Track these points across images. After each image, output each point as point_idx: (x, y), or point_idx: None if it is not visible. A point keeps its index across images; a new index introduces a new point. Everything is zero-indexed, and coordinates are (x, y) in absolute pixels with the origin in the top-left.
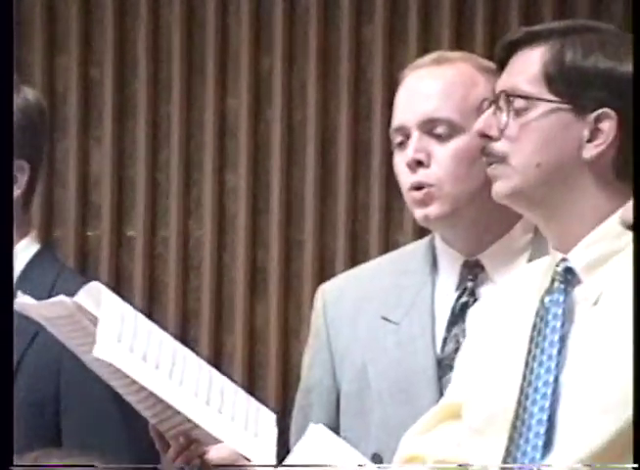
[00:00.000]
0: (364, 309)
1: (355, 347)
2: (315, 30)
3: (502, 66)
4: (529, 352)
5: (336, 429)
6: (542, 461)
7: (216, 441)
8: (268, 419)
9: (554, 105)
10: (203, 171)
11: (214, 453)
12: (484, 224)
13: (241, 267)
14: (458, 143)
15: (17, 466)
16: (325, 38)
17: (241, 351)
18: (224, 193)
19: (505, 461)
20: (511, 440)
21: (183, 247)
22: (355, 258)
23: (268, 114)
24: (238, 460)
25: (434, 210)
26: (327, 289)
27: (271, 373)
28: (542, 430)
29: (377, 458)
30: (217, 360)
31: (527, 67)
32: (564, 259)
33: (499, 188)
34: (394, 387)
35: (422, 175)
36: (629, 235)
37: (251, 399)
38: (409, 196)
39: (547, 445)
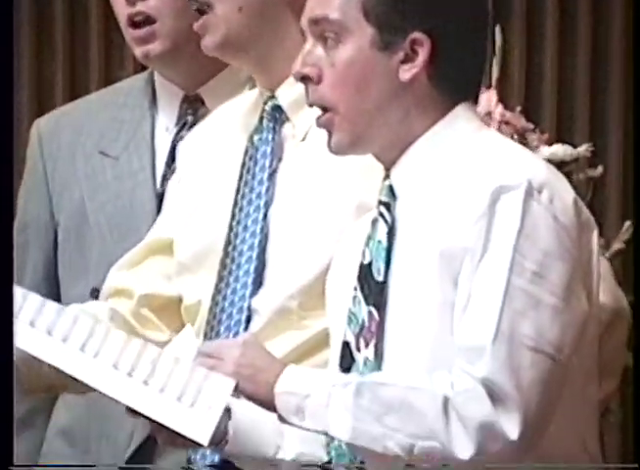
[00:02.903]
0: (82, 143)
1: (73, 181)
2: None
3: None
4: (238, 190)
5: (54, 265)
6: (252, 299)
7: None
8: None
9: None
10: None
11: None
12: (205, 59)
13: None
14: None
15: (17, 466)
16: None
17: None
18: None
19: (215, 299)
20: (220, 278)
21: None
22: (74, 92)
23: None
24: None
25: (154, 47)
26: (42, 123)
27: None
28: (252, 268)
29: (95, 293)
30: None
31: None
32: (271, 97)
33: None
34: (113, 221)
35: (142, 5)
36: None
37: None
38: (128, 33)
39: (257, 282)
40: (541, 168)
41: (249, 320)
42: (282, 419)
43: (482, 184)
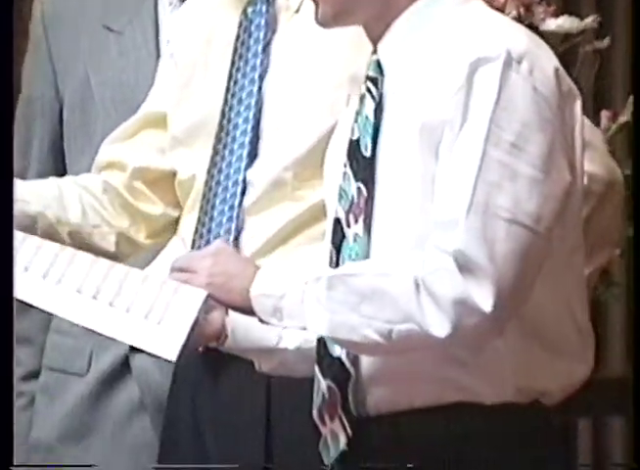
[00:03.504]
0: (86, 18)
1: (77, 57)
2: None
3: None
4: (233, 63)
5: (60, 140)
6: (247, 171)
7: None
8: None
9: None
10: None
11: None
12: None
13: None
14: None
15: (17, 466)
16: None
17: None
18: None
19: (210, 172)
20: (215, 151)
21: None
22: None
23: None
24: None
25: None
26: None
27: None
28: (246, 140)
29: None
30: None
31: None
32: None
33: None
34: (118, 96)
35: None
36: None
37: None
38: None
39: (251, 155)
40: (522, 39)
41: (244, 193)
42: (262, 321)
43: (462, 56)
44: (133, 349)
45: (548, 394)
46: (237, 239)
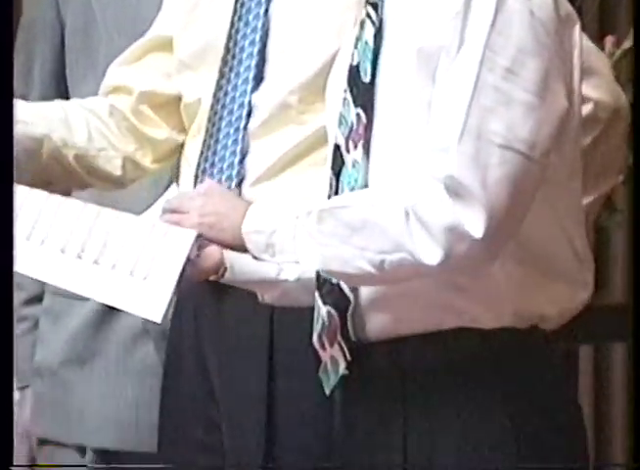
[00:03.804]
0: None
1: None
2: None
3: None
4: None
5: (62, 65)
6: (253, 94)
7: None
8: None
9: None
10: None
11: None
12: None
13: None
14: None
15: (17, 466)
16: None
17: None
18: None
19: (216, 95)
20: (221, 74)
21: None
22: None
23: None
24: None
25: None
26: None
27: None
28: (253, 63)
29: None
30: None
31: None
32: None
33: None
34: (120, 20)
35: None
36: None
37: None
38: None
39: (257, 78)
40: None
41: (249, 115)
42: (255, 257)
43: None
44: None
45: (547, 318)
46: (242, 162)
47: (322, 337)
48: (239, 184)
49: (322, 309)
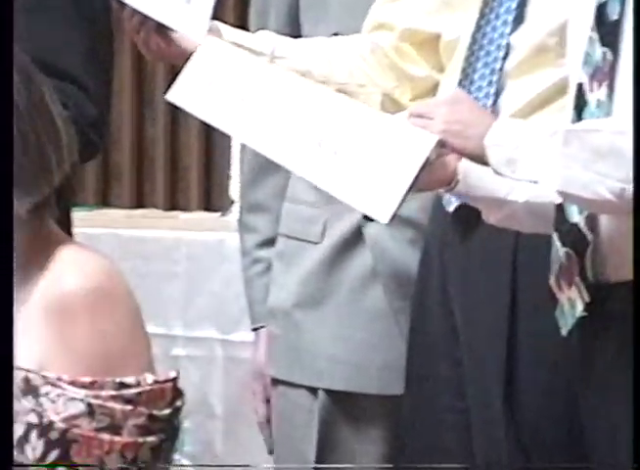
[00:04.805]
0: None
1: None
2: None
3: None
4: None
5: (296, 10)
6: (511, 36)
7: None
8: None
9: None
10: None
11: None
12: None
13: None
14: None
15: (17, 466)
16: None
17: None
18: None
19: (474, 36)
20: (482, 14)
21: None
22: None
23: None
24: None
25: None
26: None
27: None
28: (513, 5)
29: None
30: None
31: None
32: None
33: None
34: None
35: None
36: None
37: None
38: None
39: (517, 20)
40: None
41: (505, 57)
42: (495, 171)
43: None
44: (367, 218)
45: None
46: (495, 103)
47: (559, 278)
48: None
49: (560, 250)
